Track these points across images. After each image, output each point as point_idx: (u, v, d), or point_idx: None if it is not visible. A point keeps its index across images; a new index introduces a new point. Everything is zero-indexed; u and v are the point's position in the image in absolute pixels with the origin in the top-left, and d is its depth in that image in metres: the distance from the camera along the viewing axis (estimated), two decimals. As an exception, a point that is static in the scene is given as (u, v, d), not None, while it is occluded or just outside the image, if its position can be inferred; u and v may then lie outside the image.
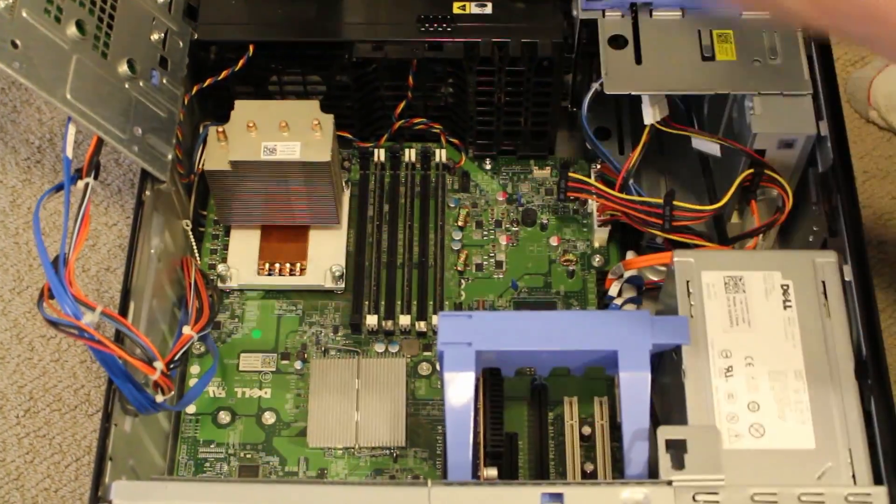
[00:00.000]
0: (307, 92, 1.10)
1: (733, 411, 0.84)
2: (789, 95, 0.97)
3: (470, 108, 1.09)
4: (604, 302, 1.04)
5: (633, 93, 0.97)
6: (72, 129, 0.89)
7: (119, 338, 0.88)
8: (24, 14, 0.86)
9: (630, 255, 1.05)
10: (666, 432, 0.81)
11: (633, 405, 0.85)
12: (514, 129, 1.11)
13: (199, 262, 1.07)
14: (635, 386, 0.85)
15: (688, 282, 0.89)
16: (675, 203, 0.97)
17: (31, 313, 1.11)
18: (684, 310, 0.89)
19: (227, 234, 1.10)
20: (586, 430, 1.00)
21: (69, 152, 0.88)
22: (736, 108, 1.00)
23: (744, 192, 1.00)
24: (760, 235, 1.00)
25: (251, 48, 1.04)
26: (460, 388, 0.86)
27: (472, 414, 0.86)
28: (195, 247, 1.08)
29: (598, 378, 1.02)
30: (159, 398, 0.90)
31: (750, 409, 0.84)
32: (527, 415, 1.02)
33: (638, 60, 0.99)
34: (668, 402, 0.91)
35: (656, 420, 0.91)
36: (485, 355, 0.87)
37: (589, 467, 0.99)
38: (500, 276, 1.09)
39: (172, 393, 0.91)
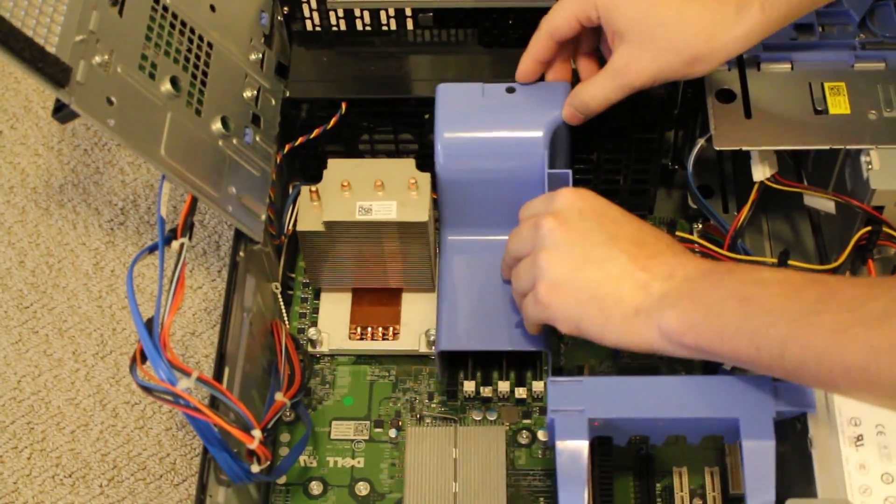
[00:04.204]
0: (398, 150, 1.07)
1: (866, 483, 0.79)
2: (909, 149, 0.93)
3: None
4: (711, 365, 0.99)
5: (743, 149, 0.94)
6: (166, 188, 0.86)
7: (213, 404, 0.85)
8: (119, 70, 0.84)
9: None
10: (795, 506, 0.77)
11: (757, 476, 0.80)
12: (612, 187, 1.07)
13: (288, 327, 1.03)
14: (760, 456, 0.80)
15: (810, 345, 0.84)
16: (790, 263, 0.93)
17: (114, 378, 1.08)
18: None
19: (317, 297, 1.07)
20: (697, 502, 0.95)
21: (163, 212, 0.86)
22: (849, 163, 0.96)
23: (859, 251, 0.95)
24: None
25: (343, 106, 1.02)
26: (573, 458, 0.81)
27: (587, 484, 0.81)
28: (284, 310, 1.04)
29: (708, 447, 0.96)
30: (255, 468, 0.86)
31: (884, 480, 0.79)
32: (633, 486, 0.97)
33: (747, 115, 0.95)
34: (787, 472, 0.86)
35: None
36: (596, 423, 0.83)
37: (701, 542, 0.94)
38: (601, 340, 1.05)
39: (269, 462, 0.87)
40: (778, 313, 0.72)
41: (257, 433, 0.83)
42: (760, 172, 0.96)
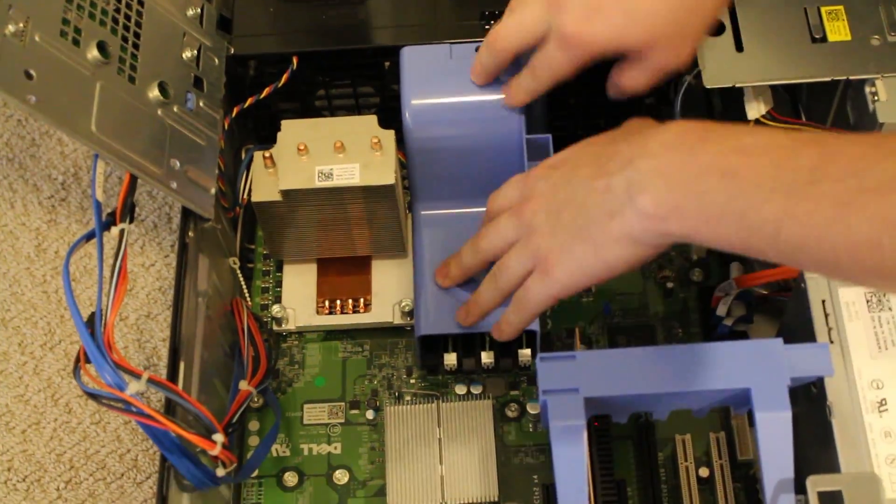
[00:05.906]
0: (359, 105, 0.98)
1: (893, 453, 0.72)
2: (917, 76, 0.85)
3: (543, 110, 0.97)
4: (711, 323, 0.92)
5: (736, 85, 0.85)
6: (100, 168, 0.78)
7: (169, 406, 0.77)
8: (38, 39, 0.74)
9: (735, 266, 0.93)
10: (817, 483, 0.69)
11: (774, 451, 0.73)
12: (593, 133, 0.99)
13: (250, 304, 0.95)
14: (775, 428, 0.73)
15: (823, 301, 0.77)
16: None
17: (65, 371, 1.00)
18: (822, 335, 0.77)
19: (280, 269, 0.99)
20: (703, 471, 0.88)
21: (99, 194, 0.77)
22: (852, 94, 0.88)
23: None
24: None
25: (295, 60, 0.93)
26: (570, 442, 0.74)
27: (586, 468, 0.74)
28: (245, 287, 0.96)
29: (712, 410, 0.89)
30: (220, 472, 0.78)
31: (913, 448, 0.72)
32: (633, 457, 0.90)
33: (739, 48, 0.86)
34: (803, 439, 0.79)
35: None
36: (593, 401, 0.76)
37: (711, 515, 0.88)
38: (590, 298, 0.97)
39: (234, 465, 0.79)
40: (770, 187, 0.62)
41: (219, 437, 0.75)
42: (755, 110, 0.88)
